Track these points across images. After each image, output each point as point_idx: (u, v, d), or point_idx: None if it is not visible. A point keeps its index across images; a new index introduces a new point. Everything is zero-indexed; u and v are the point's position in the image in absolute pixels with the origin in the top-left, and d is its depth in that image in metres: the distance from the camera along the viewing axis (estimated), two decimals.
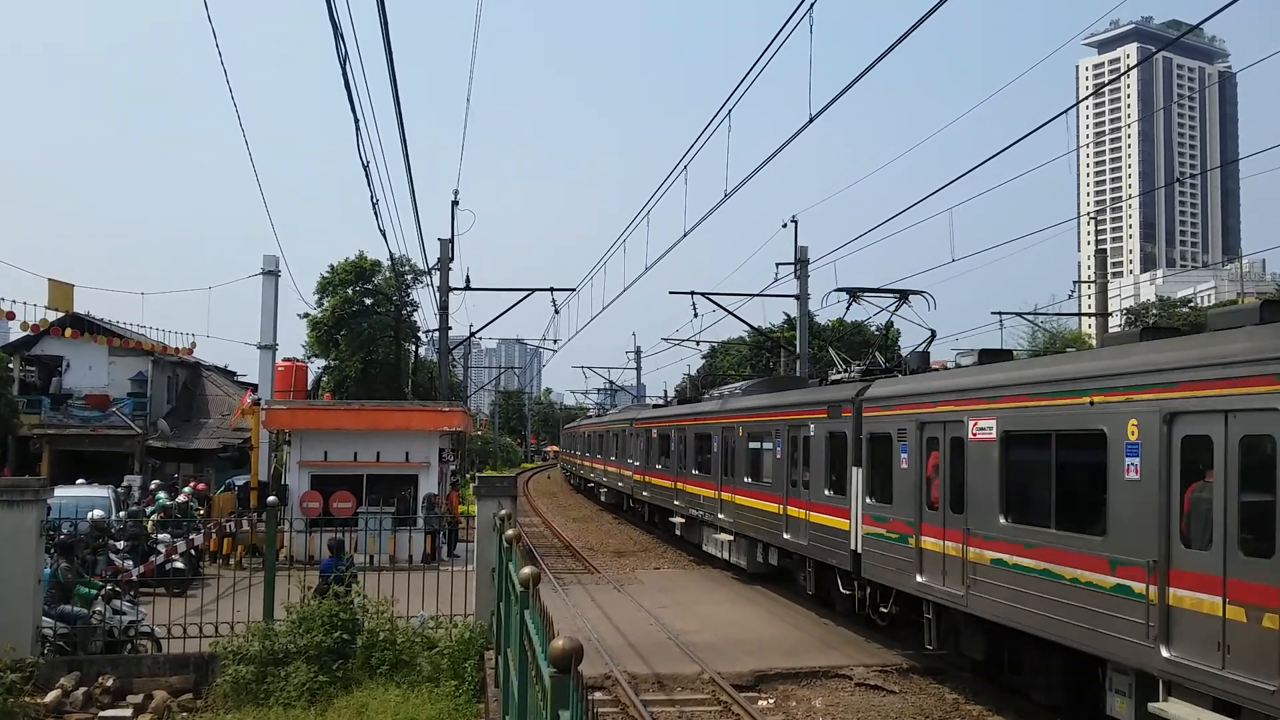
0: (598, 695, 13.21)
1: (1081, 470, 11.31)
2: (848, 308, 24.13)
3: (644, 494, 35.55)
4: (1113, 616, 10.40)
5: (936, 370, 16.54)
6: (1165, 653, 9.62)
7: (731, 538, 24.18)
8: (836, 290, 22.38)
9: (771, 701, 13.57)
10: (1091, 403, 11.00)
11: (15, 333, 36.24)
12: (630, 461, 38.11)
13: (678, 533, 30.07)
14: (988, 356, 15.06)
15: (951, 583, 13.59)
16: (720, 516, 24.75)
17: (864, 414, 16.69)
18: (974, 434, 13.24)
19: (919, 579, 14.48)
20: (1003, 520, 12.56)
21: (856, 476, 16.78)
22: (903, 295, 22.70)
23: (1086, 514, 11.16)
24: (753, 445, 22.67)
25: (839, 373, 20.43)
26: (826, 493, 18.10)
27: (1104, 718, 10.91)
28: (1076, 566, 11.04)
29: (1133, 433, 10.29)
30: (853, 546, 16.74)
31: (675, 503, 29.94)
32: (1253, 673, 8.60)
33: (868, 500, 16.43)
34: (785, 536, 20.07)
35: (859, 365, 20.31)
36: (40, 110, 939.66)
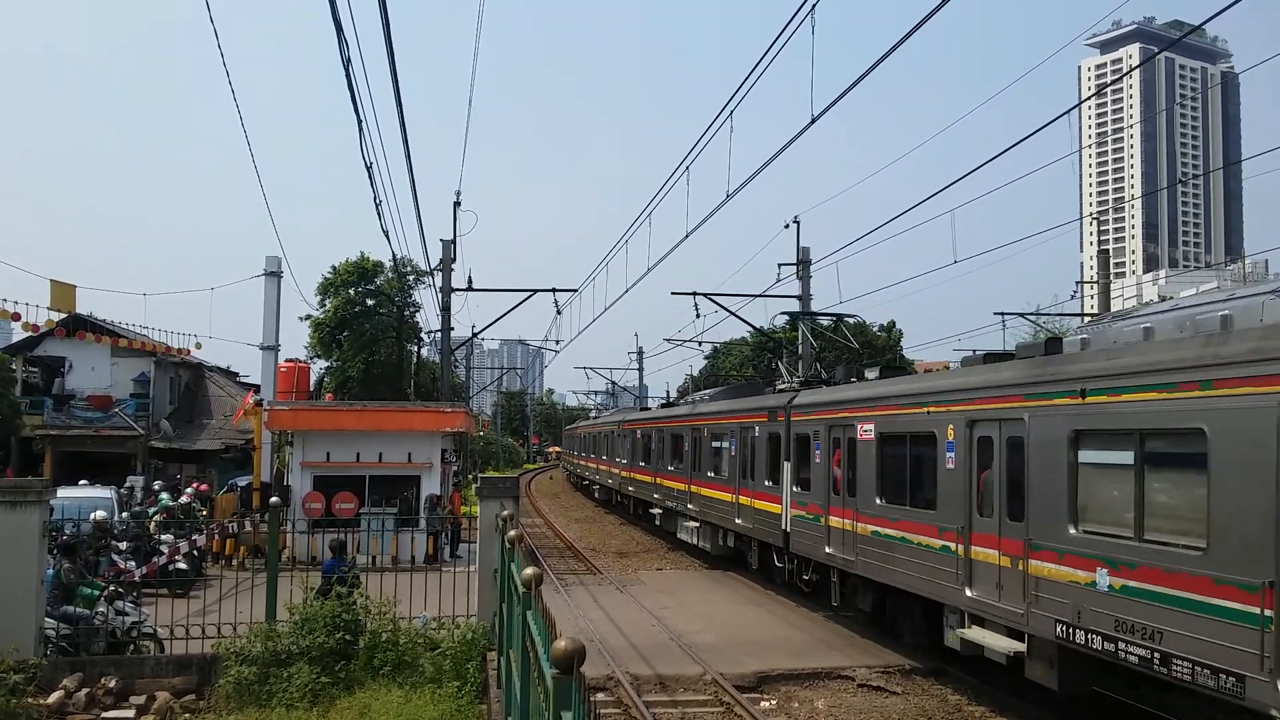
0: (600, 696, 13.21)
1: (924, 462, 14.90)
2: (795, 328, 29.49)
3: (629, 489, 39.45)
4: (941, 569, 14.03)
5: (851, 383, 19.84)
6: (969, 593, 13.29)
7: (698, 524, 27.81)
8: (782, 314, 27.98)
9: (774, 702, 13.57)
10: (929, 412, 14.68)
11: (18, 334, 36.29)
12: (619, 460, 42.06)
13: (657, 522, 33.69)
14: (888, 372, 18.78)
15: (847, 551, 17.25)
16: (690, 507, 28.42)
17: (792, 419, 20.33)
18: (861, 435, 16.92)
19: (827, 550, 18.14)
20: (878, 500, 16.21)
21: (787, 469, 20.46)
22: (839, 318, 29.22)
23: (926, 494, 14.78)
24: (714, 444, 26.40)
25: (784, 382, 23.82)
26: (767, 483, 21.72)
27: (944, 649, 14.44)
28: (921, 534, 14.69)
29: (951, 434, 13.99)
30: (784, 527, 20.47)
31: (654, 495, 33.86)
32: (1014, 603, 12.21)
33: (794, 489, 20.08)
34: (738, 521, 23.72)
35: (798, 378, 24.29)
36: (41, 111, 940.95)
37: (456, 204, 32.25)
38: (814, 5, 12.76)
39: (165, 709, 13.39)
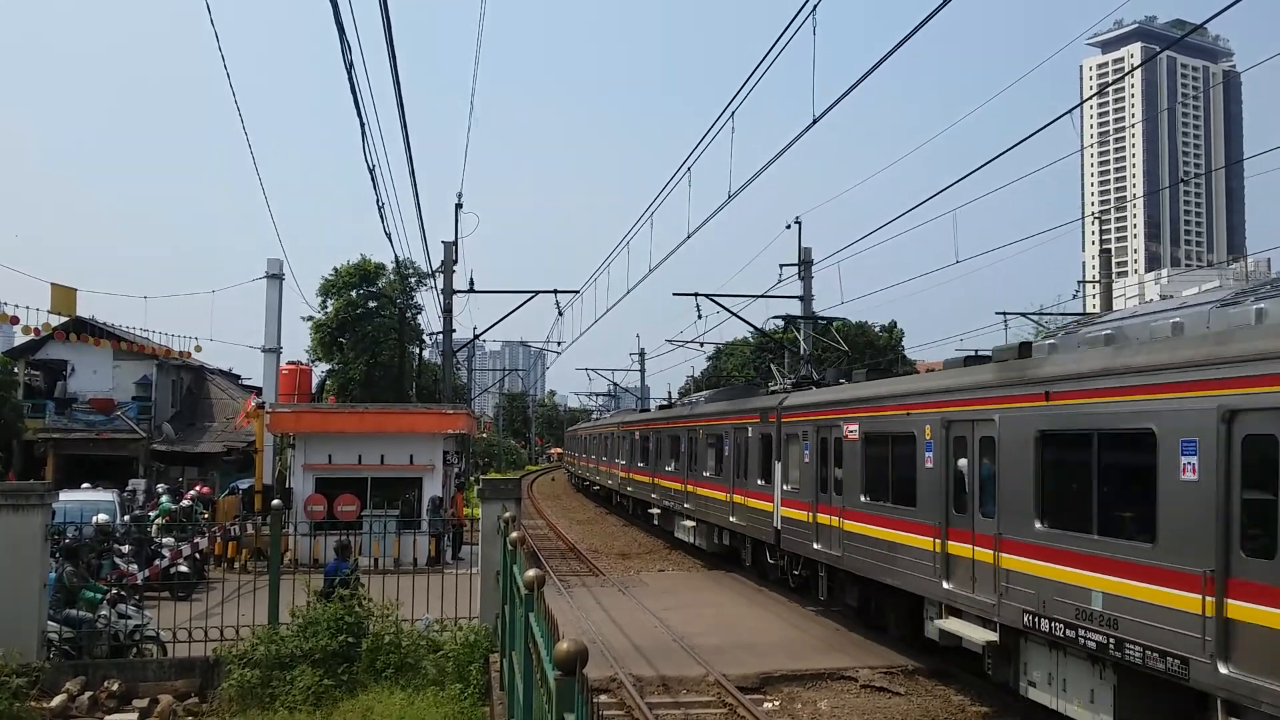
0: (603, 698, 13.20)
1: (737, 446, 23.71)
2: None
3: (606, 479, 47.26)
4: (765, 518, 21.45)
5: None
6: (740, 520, 23.09)
7: (659, 511, 34.01)
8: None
9: (777, 703, 13.55)
10: (737, 422, 23.89)
11: (20, 337, 36.29)
12: (600, 456, 49.85)
13: (615, 501, 43.66)
14: (733, 392, 29.55)
15: (724, 516, 24.81)
16: (652, 496, 34.68)
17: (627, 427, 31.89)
18: (731, 433, 24.89)
19: (732, 520, 24.36)
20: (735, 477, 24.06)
21: (686, 458, 28.94)
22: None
23: (756, 471, 22.12)
24: (654, 440, 34.25)
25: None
26: (667, 467, 30.49)
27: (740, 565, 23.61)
28: (759, 499, 21.97)
29: (748, 432, 23.01)
30: (687, 499, 28.38)
31: (619, 478, 42.01)
32: (746, 521, 23.05)
33: (669, 468, 30.94)
34: (652, 496, 33.85)
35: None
36: (41, 112, 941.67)
37: (458, 206, 32.30)
38: (815, 5, 12.75)
39: (168, 712, 13.39)
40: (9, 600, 13.57)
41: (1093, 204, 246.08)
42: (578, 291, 34.73)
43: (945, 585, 13.63)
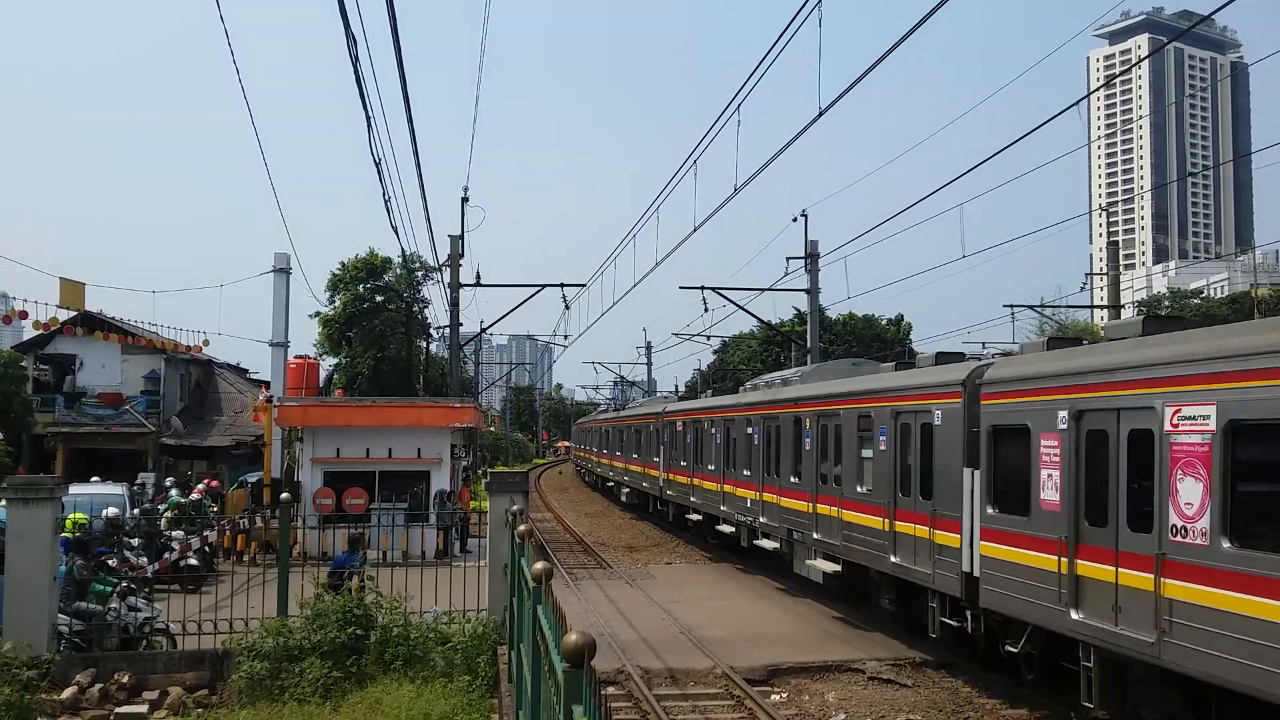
0: (610, 690, 13.24)
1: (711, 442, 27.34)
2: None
3: (608, 470, 51.21)
4: (717, 497, 25.94)
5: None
6: (723, 507, 25.48)
7: (629, 489, 40.57)
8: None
9: (784, 695, 13.58)
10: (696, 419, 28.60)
11: (29, 331, 36.40)
12: (598, 449, 53.78)
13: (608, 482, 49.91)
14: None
15: (685, 496, 29.75)
16: (640, 482, 38.68)
17: (666, 419, 33.06)
18: (678, 427, 30.85)
19: (693, 499, 29.09)
20: (687, 465, 29.37)
21: (663, 451, 32.51)
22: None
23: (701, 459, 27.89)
24: (633, 435, 39.36)
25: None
26: (655, 458, 34.36)
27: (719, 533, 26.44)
28: (707, 481, 27.16)
29: (744, 427, 24.81)
30: (660, 487, 33.42)
31: (609, 467, 48.03)
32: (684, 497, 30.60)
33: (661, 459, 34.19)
34: (642, 485, 38.01)
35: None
36: (46, 112, 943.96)
37: (464, 199, 32.32)
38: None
39: (178, 704, 13.47)
40: (20, 593, 13.66)
41: (1100, 196, 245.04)
42: (584, 285, 34.83)
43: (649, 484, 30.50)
